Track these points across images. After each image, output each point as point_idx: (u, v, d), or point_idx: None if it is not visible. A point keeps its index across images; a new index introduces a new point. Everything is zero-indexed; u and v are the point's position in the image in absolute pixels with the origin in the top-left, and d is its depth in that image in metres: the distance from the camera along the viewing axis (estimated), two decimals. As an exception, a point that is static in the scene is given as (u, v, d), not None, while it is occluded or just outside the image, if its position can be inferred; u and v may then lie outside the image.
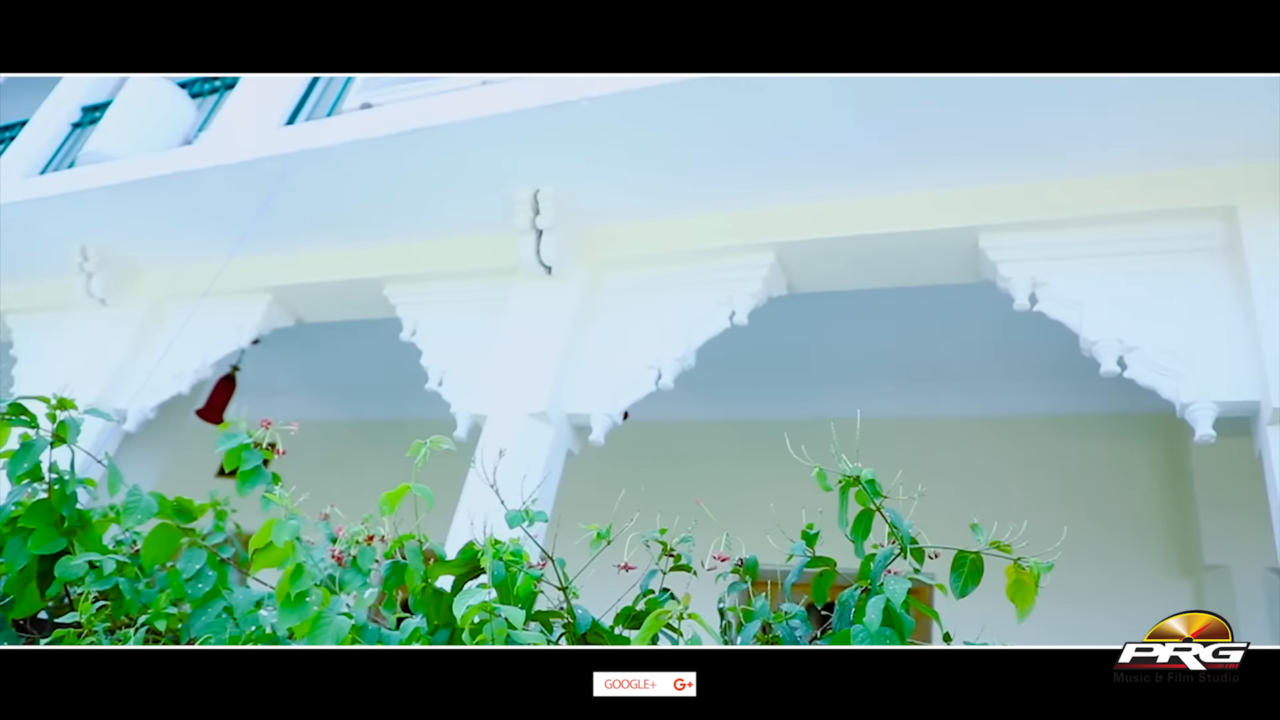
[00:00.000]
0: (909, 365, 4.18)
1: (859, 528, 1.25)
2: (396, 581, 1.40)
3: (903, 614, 1.20)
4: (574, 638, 1.28)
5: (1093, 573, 3.89)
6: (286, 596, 1.44)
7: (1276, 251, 2.50)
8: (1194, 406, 2.43)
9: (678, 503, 1.72)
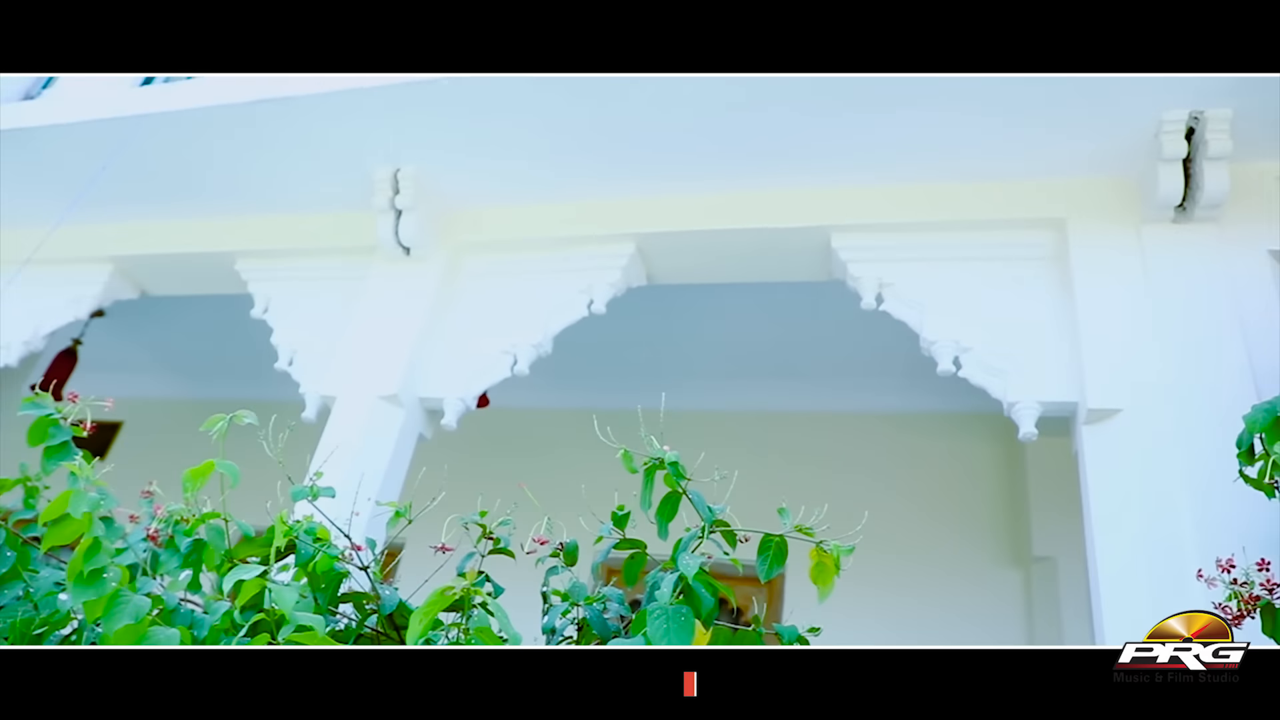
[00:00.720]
0: (768, 360, 4.27)
1: (664, 510, 1.27)
2: (196, 561, 1.34)
3: (701, 590, 1.22)
4: (381, 619, 1.26)
5: (933, 563, 4.07)
6: (79, 574, 1.36)
7: (1099, 263, 2.65)
8: (1019, 405, 2.57)
9: (533, 489, 1.71)
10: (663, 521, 1.27)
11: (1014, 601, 3.97)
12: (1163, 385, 2.41)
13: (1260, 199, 2.63)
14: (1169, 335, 2.49)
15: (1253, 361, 2.39)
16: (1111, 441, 2.43)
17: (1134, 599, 2.22)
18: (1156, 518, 2.28)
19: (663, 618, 1.13)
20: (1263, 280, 2.53)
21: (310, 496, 1.26)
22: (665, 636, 1.11)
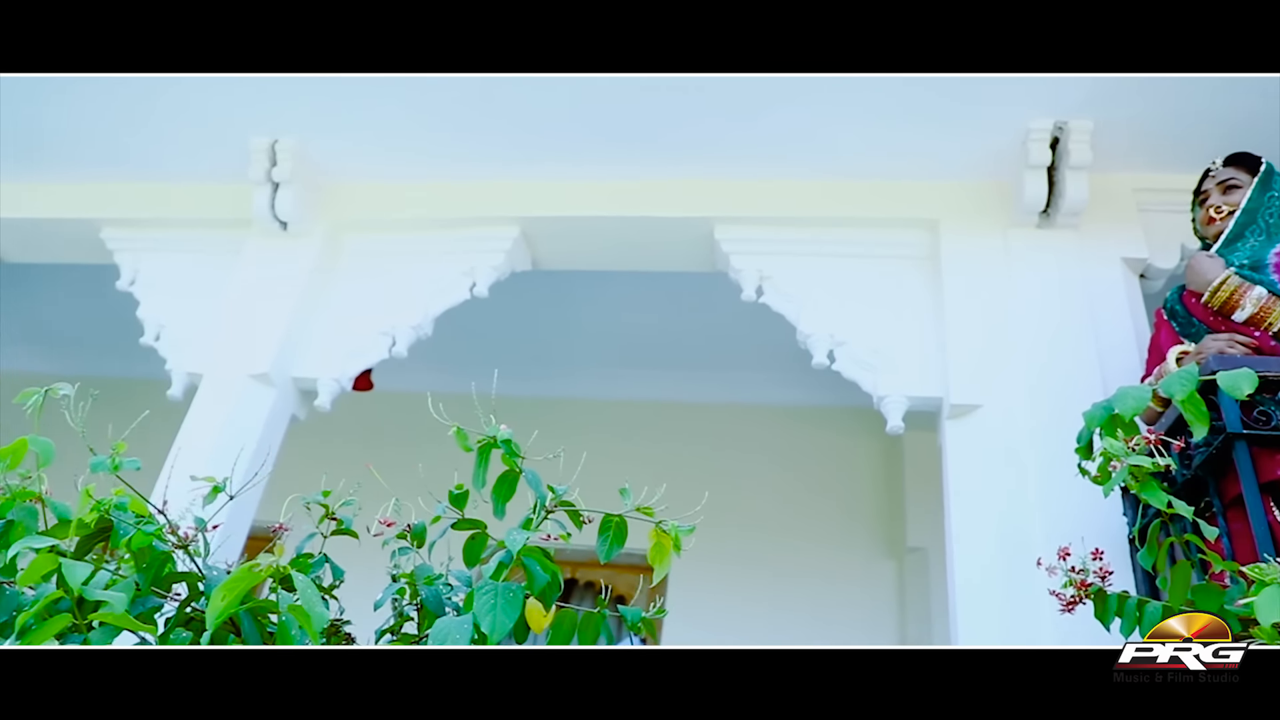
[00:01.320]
0: (657, 349, 4.29)
1: (500, 490, 1.25)
2: (4, 543, 1.27)
3: (534, 568, 1.21)
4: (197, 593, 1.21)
5: (813, 552, 4.15)
6: None
7: (967, 264, 2.74)
8: (887, 399, 2.63)
9: (414, 475, 1.66)
10: (498, 501, 1.25)
11: (887, 591, 4.08)
12: (1020, 383, 2.51)
13: (1117, 208, 2.76)
14: (1028, 335, 2.59)
15: (1102, 362, 2.50)
16: (972, 436, 2.51)
17: (987, 589, 2.30)
18: (1010, 510, 2.37)
19: (490, 595, 1.11)
20: (1115, 285, 2.65)
21: (111, 469, 1.20)
22: (491, 614, 1.09)
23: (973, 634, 2.28)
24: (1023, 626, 2.21)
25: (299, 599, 0.96)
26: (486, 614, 1.09)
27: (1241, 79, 2.48)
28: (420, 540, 1.47)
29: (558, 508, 1.38)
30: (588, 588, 4.37)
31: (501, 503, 1.24)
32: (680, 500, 4.37)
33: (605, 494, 1.51)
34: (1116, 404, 1.80)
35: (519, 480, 1.24)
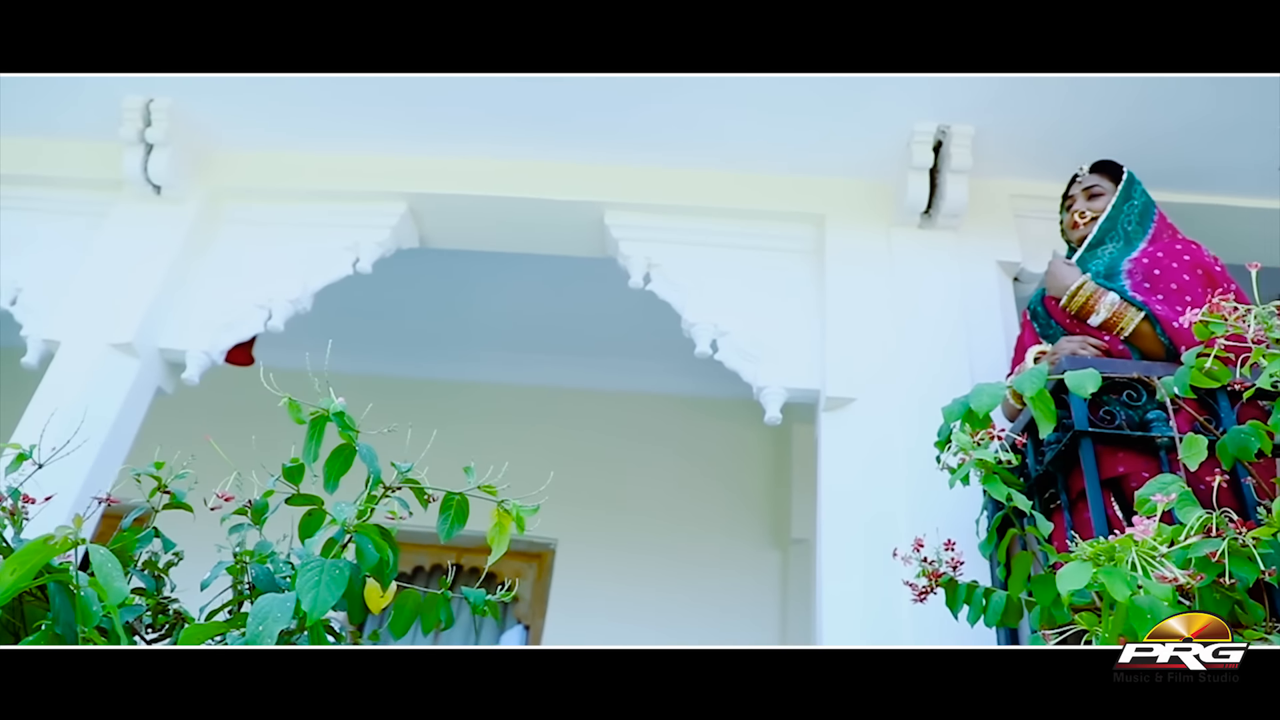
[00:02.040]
0: (551, 334, 4.25)
1: (333, 465, 1.21)
2: None
3: (365, 545, 1.17)
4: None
5: (701, 541, 4.18)
6: None
7: (850, 260, 2.79)
8: (767, 390, 2.66)
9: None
10: (330, 475, 1.21)
11: (772, 581, 4.13)
12: (894, 378, 2.56)
13: (995, 213, 2.84)
14: (904, 332, 2.64)
15: (973, 360, 2.57)
16: (846, 429, 2.56)
17: (853, 580, 2.34)
18: (879, 502, 2.42)
19: (315, 572, 1.07)
20: (990, 287, 2.73)
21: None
22: (314, 590, 1.05)
23: (835, 624, 2.32)
24: (884, 617, 2.26)
25: (97, 573, 0.90)
26: (309, 590, 1.05)
27: (1113, 94, 2.58)
28: (259, 517, 1.41)
29: (404, 485, 1.34)
30: (473, 574, 4.32)
31: (334, 478, 1.20)
32: (572, 486, 4.35)
33: (489, 477, 1.48)
34: (973, 400, 1.85)
35: (354, 455, 1.20)
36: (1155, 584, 1.09)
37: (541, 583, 4.26)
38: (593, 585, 4.13)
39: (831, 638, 2.31)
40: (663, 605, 4.01)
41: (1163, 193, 2.52)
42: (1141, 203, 2.27)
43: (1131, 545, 1.13)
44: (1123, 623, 1.12)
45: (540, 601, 4.22)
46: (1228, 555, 1.31)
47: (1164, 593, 1.09)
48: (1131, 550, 1.13)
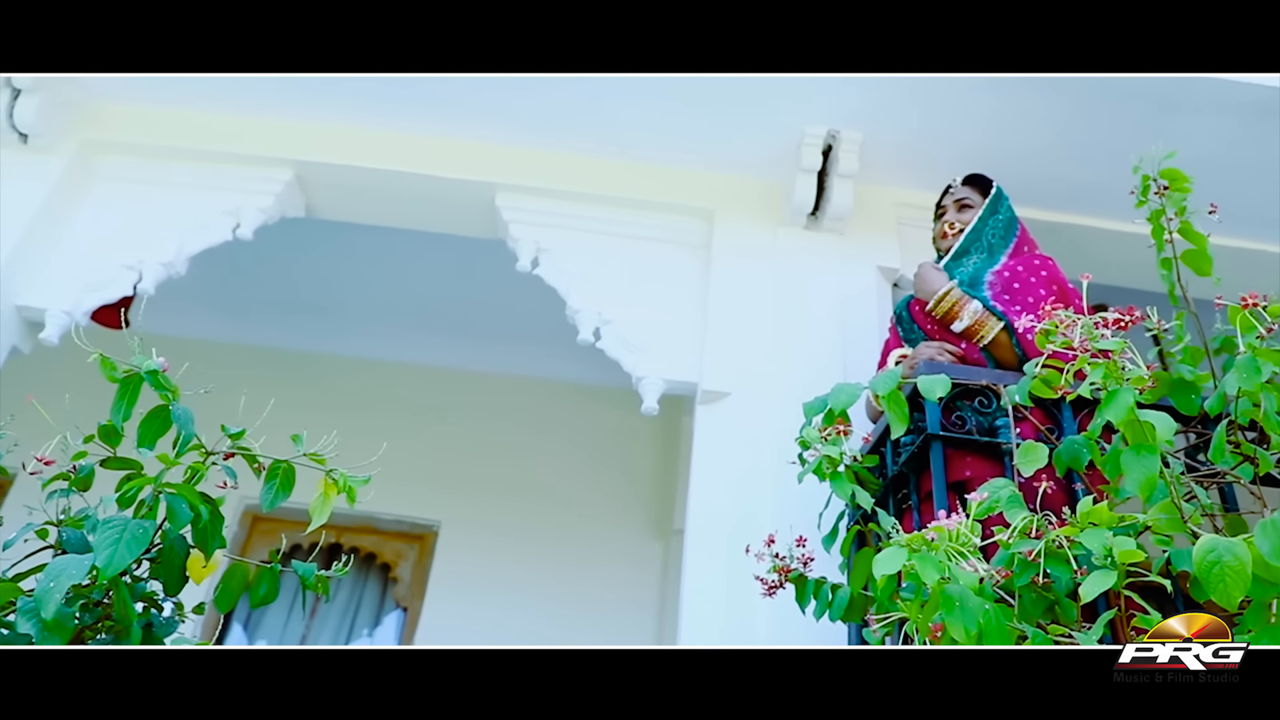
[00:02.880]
0: (445, 314, 4.18)
1: (148, 426, 1.17)
2: None
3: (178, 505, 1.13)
4: None
5: (587, 529, 4.18)
6: None
7: (736, 256, 2.83)
8: (645, 381, 2.67)
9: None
10: (145, 436, 1.17)
11: (653, 571, 4.16)
12: (769, 375, 2.60)
13: (879, 219, 2.91)
14: (783, 330, 2.69)
15: (846, 361, 2.63)
16: (720, 422, 2.59)
17: (713, 572, 2.37)
18: (746, 497, 2.45)
19: (116, 530, 1.03)
20: (869, 291, 2.79)
21: None
22: (111, 548, 1.01)
23: (696, 616, 2.35)
24: (743, 611, 2.29)
25: None
26: (106, 548, 1.01)
27: (992, 112, 2.67)
28: (83, 483, 1.35)
29: (236, 453, 1.30)
30: (353, 553, 4.24)
31: (149, 439, 1.16)
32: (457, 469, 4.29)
33: (376, 453, 1.44)
34: (832, 398, 1.89)
35: (170, 416, 1.16)
36: (963, 573, 1.13)
37: (422, 565, 4.21)
38: (474, 569, 4.09)
39: (690, 630, 2.34)
40: (544, 592, 4.01)
41: (1028, 209, 2.62)
42: (1006, 217, 2.36)
43: (944, 537, 1.17)
44: (934, 609, 1.16)
45: (420, 584, 4.16)
46: (1044, 555, 1.36)
47: (970, 581, 1.13)
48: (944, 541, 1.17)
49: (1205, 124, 2.73)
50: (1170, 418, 1.16)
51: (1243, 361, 1.44)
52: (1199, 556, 1.03)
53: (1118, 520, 1.13)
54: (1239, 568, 1.00)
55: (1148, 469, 1.14)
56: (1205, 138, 2.76)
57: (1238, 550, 1.01)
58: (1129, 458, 1.16)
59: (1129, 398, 1.16)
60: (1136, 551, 1.06)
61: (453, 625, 3.93)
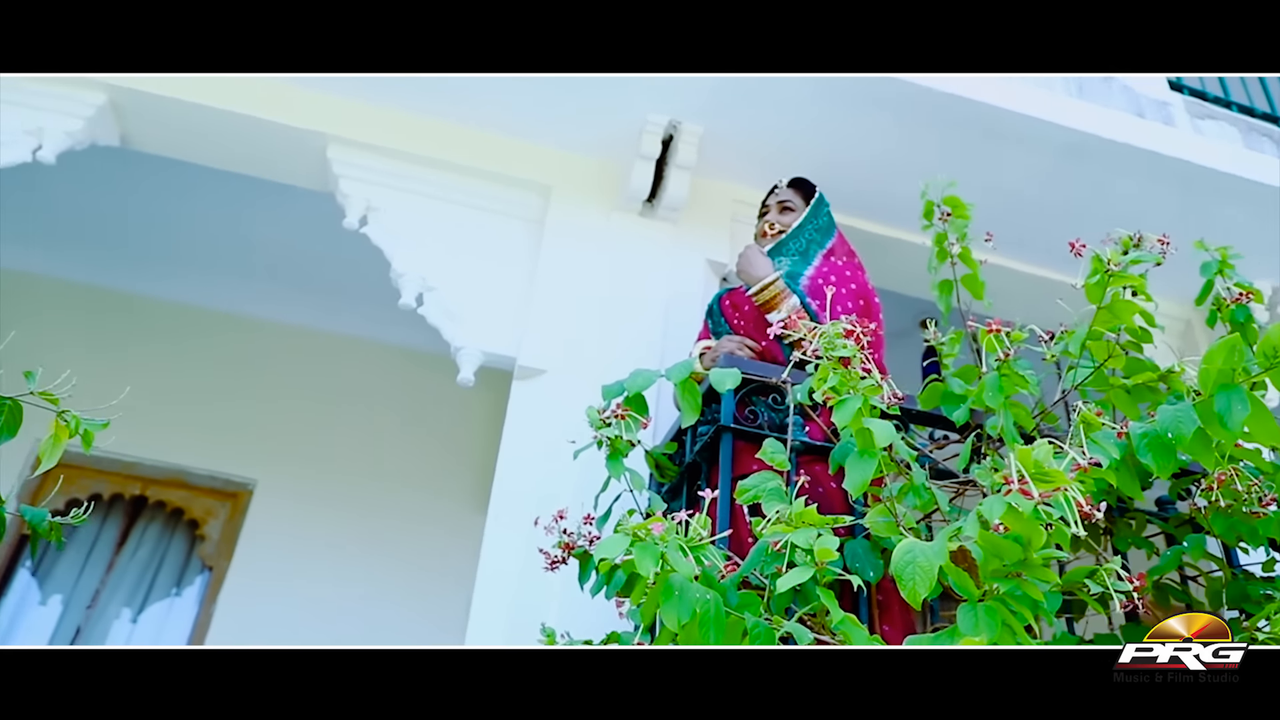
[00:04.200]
0: (277, 266, 4.01)
1: None
2: None
3: None
4: None
5: (410, 497, 4.11)
6: None
7: (568, 235, 2.82)
8: (463, 351, 2.64)
9: None
10: None
11: (472, 543, 4.09)
12: (587, 357, 2.61)
13: (713, 214, 2.96)
14: (607, 314, 2.70)
15: (665, 351, 2.66)
16: (534, 399, 2.59)
17: (510, 546, 2.37)
18: (552, 475, 2.46)
19: None
20: (696, 284, 2.84)
21: None
22: None
23: (489, 588, 2.35)
24: (536, 586, 2.29)
25: None
26: None
27: (825, 119, 2.76)
28: None
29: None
30: (159, 507, 4.04)
31: None
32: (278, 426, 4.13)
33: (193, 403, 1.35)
34: (628, 382, 1.91)
35: None
36: (681, 563, 1.16)
37: (233, 524, 4.04)
38: (289, 531, 3.97)
39: (482, 602, 2.34)
40: (359, 559, 3.92)
41: (852, 217, 2.72)
42: (825, 223, 2.43)
43: (671, 529, 1.20)
44: (656, 598, 1.19)
45: (229, 544, 4.00)
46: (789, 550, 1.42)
47: (687, 570, 1.16)
48: (675, 534, 1.20)
49: (1023, 157, 2.89)
50: (891, 426, 1.22)
51: (989, 380, 1.53)
52: (897, 557, 1.10)
53: (827, 520, 1.18)
54: (928, 568, 1.07)
55: (864, 472, 1.19)
56: (1021, 170, 2.93)
57: (930, 553, 1.08)
58: (851, 461, 1.22)
59: (856, 404, 1.21)
60: (832, 551, 1.11)
61: (260, 589, 3.80)
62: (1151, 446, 1.50)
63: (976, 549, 1.10)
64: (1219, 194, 3.01)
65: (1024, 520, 0.99)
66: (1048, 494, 0.99)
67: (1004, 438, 1.55)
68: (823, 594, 1.10)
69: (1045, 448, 1.03)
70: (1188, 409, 1.49)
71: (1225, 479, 1.69)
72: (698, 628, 1.14)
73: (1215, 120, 3.96)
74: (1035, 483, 1.00)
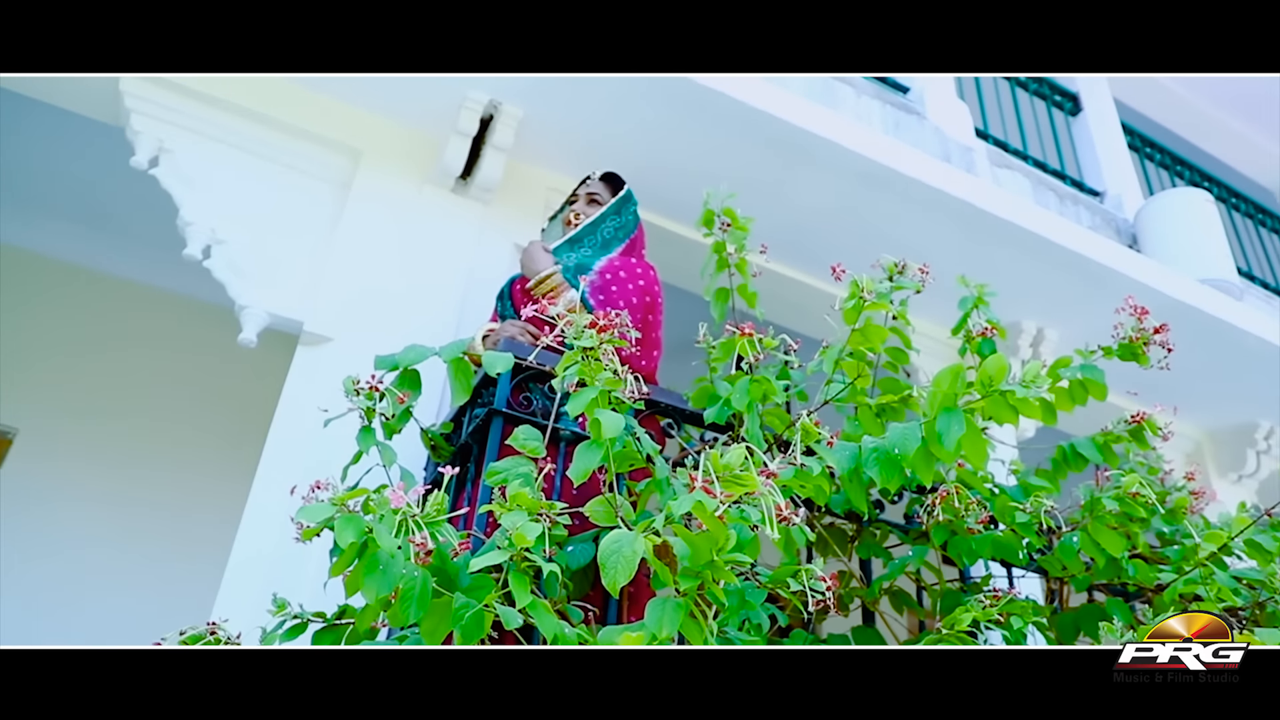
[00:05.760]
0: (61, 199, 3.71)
1: None
2: None
3: None
4: None
5: (189, 456, 3.90)
6: None
7: (374, 204, 2.75)
8: (248, 310, 2.53)
9: None
10: None
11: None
12: (379, 329, 2.56)
13: (527, 199, 2.96)
14: (405, 288, 2.65)
15: (460, 330, 2.64)
16: (317, 366, 2.51)
17: (273, 512, 2.29)
18: (324, 442, 2.38)
19: None
20: (501, 267, 2.83)
21: None
22: None
23: (244, 557, 2.27)
24: (294, 555, 2.23)
25: None
26: None
27: (639, 120, 2.80)
28: None
29: None
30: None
31: None
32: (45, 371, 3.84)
33: None
34: (401, 356, 1.89)
35: None
36: (385, 538, 1.15)
37: (-5, 466, 3.73)
38: (52, 481, 3.70)
39: (237, 566, 2.26)
40: (128, 512, 3.70)
41: (663, 218, 2.78)
42: (628, 220, 2.47)
43: (383, 503, 1.19)
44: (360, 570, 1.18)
45: None
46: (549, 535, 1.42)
47: (389, 545, 1.15)
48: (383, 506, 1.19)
49: (825, 178, 3.03)
50: (619, 418, 1.25)
51: (738, 384, 1.60)
52: (604, 546, 1.13)
53: (539, 505, 1.20)
54: (630, 558, 1.10)
55: (589, 461, 1.22)
56: (823, 190, 3.07)
57: (636, 544, 1.11)
58: (580, 449, 1.25)
59: (591, 394, 1.24)
60: (525, 537, 1.13)
61: (20, 539, 3.53)
62: (879, 461, 1.60)
63: (682, 544, 1.14)
64: (997, 237, 3.25)
65: (712, 519, 1.04)
66: (732, 495, 1.04)
67: (749, 439, 1.62)
68: (514, 578, 1.12)
69: (739, 451, 1.08)
70: (915, 428, 1.61)
71: (947, 496, 1.83)
72: (400, 604, 1.14)
73: (1011, 170, 4.27)
74: (727, 485, 1.05)
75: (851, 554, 2.20)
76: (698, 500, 1.02)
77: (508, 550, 1.13)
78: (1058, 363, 1.86)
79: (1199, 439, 4.40)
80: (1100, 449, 2.10)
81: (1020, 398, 1.50)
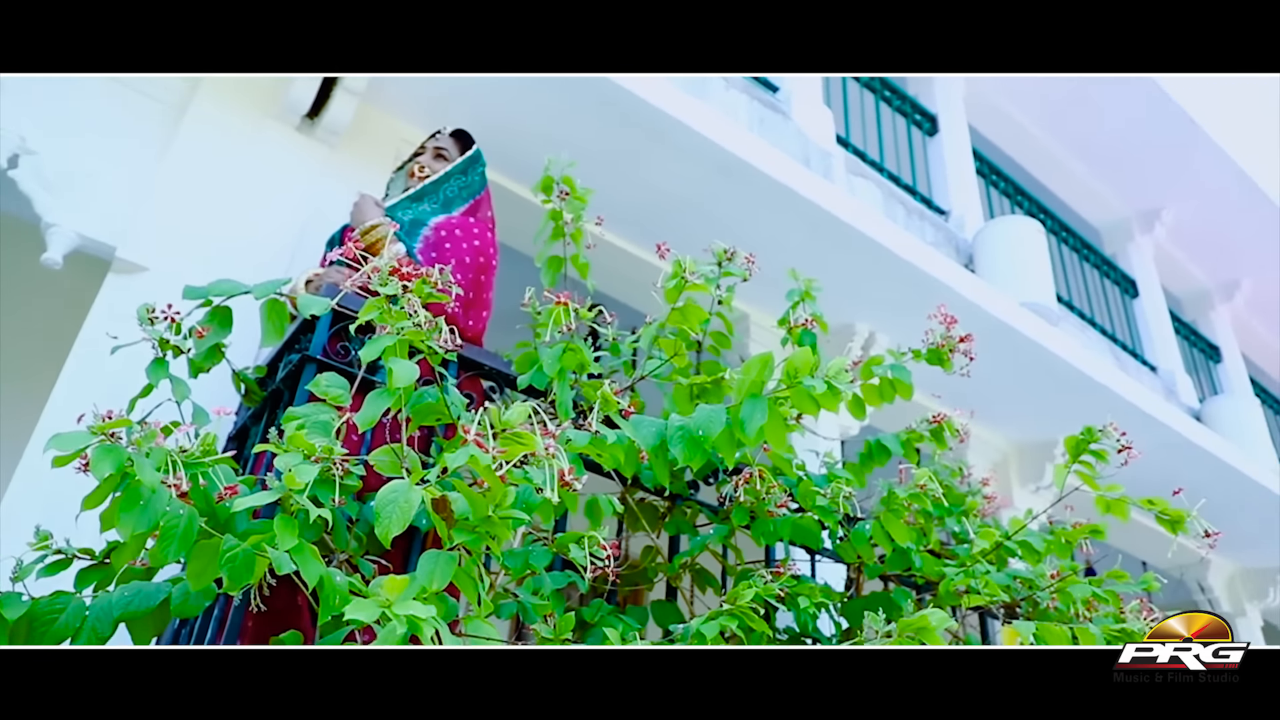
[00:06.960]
0: None
1: None
2: None
3: None
4: None
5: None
6: None
7: (210, 134, 2.61)
8: (55, 229, 2.36)
9: None
10: None
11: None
12: (201, 264, 2.43)
13: (376, 147, 2.86)
14: (233, 226, 2.53)
15: (291, 274, 2.53)
16: (126, 295, 2.37)
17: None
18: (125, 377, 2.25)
19: None
20: (340, 213, 2.71)
21: None
22: None
23: (25, 487, 2.12)
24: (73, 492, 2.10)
25: None
26: None
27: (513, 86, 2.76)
28: None
29: None
30: None
31: None
32: None
33: None
34: (210, 288, 1.80)
35: None
36: (147, 470, 1.09)
37: None
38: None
39: (13, 499, 2.10)
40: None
41: (515, 182, 2.74)
42: (474, 181, 2.42)
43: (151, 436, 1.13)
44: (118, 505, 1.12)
45: None
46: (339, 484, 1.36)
47: (151, 480, 1.10)
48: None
49: (680, 165, 3.06)
50: (414, 367, 1.23)
51: (550, 351, 1.60)
52: (380, 496, 1.10)
53: (315, 450, 1.17)
54: (407, 508, 1.08)
55: (376, 409, 1.20)
56: (676, 176, 3.10)
57: (411, 495, 1.10)
58: (371, 397, 1.22)
59: (386, 341, 1.21)
60: (295, 479, 1.10)
61: None
62: (683, 439, 1.63)
63: (462, 500, 1.13)
64: (843, 242, 3.37)
65: (490, 475, 1.03)
66: (508, 453, 1.04)
67: (557, 406, 1.62)
68: (280, 520, 1.08)
69: (523, 410, 1.08)
70: (720, 410, 1.65)
71: (750, 478, 1.89)
72: (160, 542, 1.08)
73: (866, 180, 4.44)
74: (505, 442, 1.04)
75: (660, 530, 2.23)
76: (472, 455, 1.01)
77: (277, 491, 1.09)
78: (870, 360, 1.95)
79: (1006, 450, 4.71)
80: (904, 445, 2.20)
81: (820, 392, 1.56)
